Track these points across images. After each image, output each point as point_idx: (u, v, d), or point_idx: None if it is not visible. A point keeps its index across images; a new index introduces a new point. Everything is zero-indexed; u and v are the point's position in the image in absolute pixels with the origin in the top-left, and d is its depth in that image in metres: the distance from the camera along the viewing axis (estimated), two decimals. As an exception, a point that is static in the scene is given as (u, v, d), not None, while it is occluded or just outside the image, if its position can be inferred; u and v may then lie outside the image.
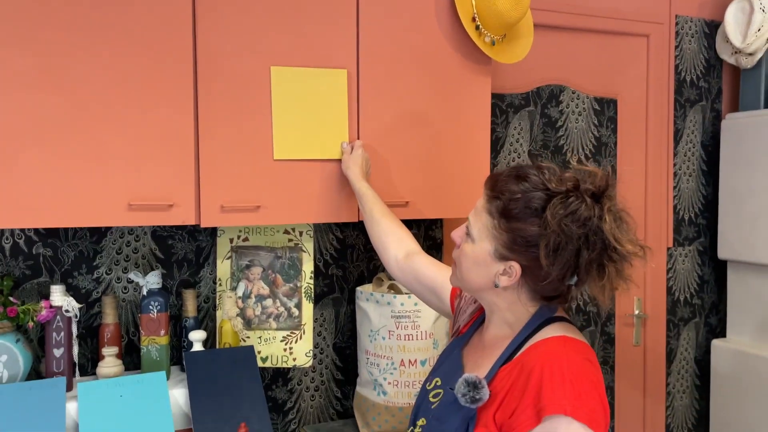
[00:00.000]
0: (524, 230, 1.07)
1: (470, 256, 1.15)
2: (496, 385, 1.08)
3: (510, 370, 1.09)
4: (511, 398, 1.05)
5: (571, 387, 1.00)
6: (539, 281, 1.09)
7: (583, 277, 1.08)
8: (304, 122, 1.73)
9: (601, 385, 1.05)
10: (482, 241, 1.13)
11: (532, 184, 1.08)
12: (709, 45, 2.73)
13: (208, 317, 1.98)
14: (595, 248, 1.05)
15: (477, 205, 1.17)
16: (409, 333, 1.93)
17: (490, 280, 1.13)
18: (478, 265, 1.14)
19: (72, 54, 1.50)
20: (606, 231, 1.05)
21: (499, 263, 1.11)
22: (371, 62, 1.79)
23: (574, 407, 0.98)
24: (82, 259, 1.84)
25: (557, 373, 1.01)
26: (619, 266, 1.07)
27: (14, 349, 1.63)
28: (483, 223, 1.13)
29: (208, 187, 1.64)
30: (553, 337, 1.10)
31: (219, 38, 1.63)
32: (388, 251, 1.57)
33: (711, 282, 2.81)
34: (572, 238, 1.04)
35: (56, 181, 1.50)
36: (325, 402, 2.16)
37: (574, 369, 1.03)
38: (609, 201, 1.08)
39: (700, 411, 2.81)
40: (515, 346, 1.12)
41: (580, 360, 1.06)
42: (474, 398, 1.06)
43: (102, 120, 1.53)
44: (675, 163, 2.71)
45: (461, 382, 1.08)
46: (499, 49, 1.93)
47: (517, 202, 1.08)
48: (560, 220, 1.04)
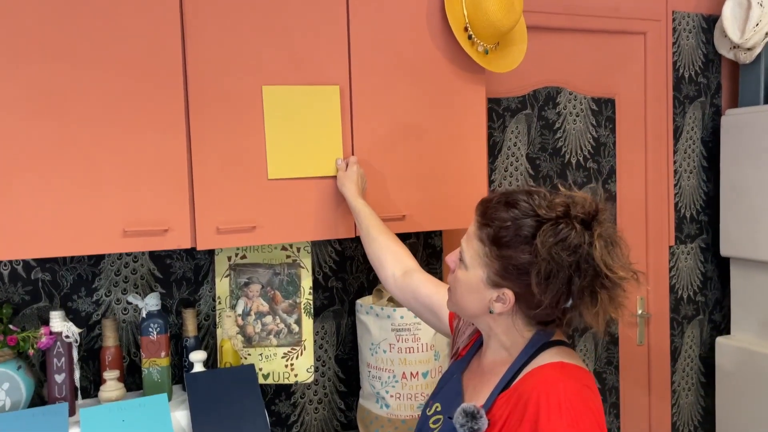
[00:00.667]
0: (515, 258, 1.06)
1: (464, 282, 1.15)
2: (494, 414, 1.08)
3: (508, 398, 1.08)
4: (509, 427, 1.05)
5: (568, 415, 1.00)
6: (532, 308, 1.09)
7: (576, 303, 1.07)
8: (297, 140, 1.72)
9: (600, 412, 1.04)
10: (474, 268, 1.12)
11: (522, 211, 1.07)
12: (707, 40, 2.70)
13: (209, 335, 1.98)
14: (586, 275, 1.04)
15: (468, 231, 1.16)
16: (409, 346, 1.93)
17: (484, 306, 1.13)
18: (471, 291, 1.14)
19: (61, 81, 1.50)
20: (596, 258, 1.04)
21: (492, 290, 1.11)
22: (363, 77, 1.78)
23: None
24: (81, 283, 1.85)
25: (554, 402, 1.01)
26: (611, 293, 1.06)
27: (16, 377, 1.63)
28: (475, 250, 1.12)
29: (203, 210, 1.63)
30: (550, 363, 1.09)
31: (209, 59, 1.62)
32: (386, 269, 1.57)
33: (714, 279, 2.80)
34: (563, 265, 1.03)
35: (49, 210, 1.50)
36: (329, 414, 2.16)
37: (571, 397, 1.02)
38: (599, 226, 1.07)
39: (705, 408, 2.81)
40: (512, 373, 1.11)
41: (578, 387, 1.05)
42: (472, 428, 1.07)
43: (93, 146, 1.53)
44: (675, 160, 2.69)
45: (459, 411, 1.08)
46: (493, 58, 1.91)
47: (507, 230, 1.07)
48: (550, 248, 1.03)
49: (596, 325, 1.07)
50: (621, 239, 1.09)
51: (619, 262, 1.06)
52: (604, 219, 1.08)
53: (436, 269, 2.30)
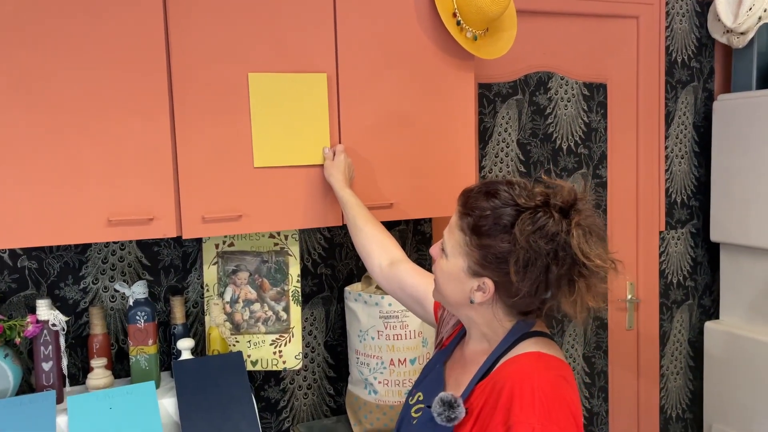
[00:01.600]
0: (494, 247, 1.07)
1: (445, 272, 1.16)
2: (472, 403, 1.09)
3: (484, 387, 1.09)
4: (485, 416, 1.06)
5: (541, 405, 1.00)
6: (511, 297, 1.09)
7: (554, 292, 1.07)
8: (284, 128, 1.71)
9: (574, 404, 1.05)
10: (455, 257, 1.13)
11: (502, 201, 1.08)
12: (700, 24, 2.68)
13: (198, 322, 1.99)
14: (564, 264, 1.04)
15: (450, 222, 1.17)
16: (397, 333, 1.94)
17: (465, 295, 1.13)
18: (453, 281, 1.15)
19: (42, 70, 1.48)
20: (574, 246, 1.04)
21: (472, 279, 1.11)
22: (350, 65, 1.76)
23: (543, 425, 0.98)
24: (68, 271, 1.84)
25: (527, 391, 1.01)
26: (589, 282, 1.06)
27: (3, 365, 1.64)
28: (456, 240, 1.13)
29: (189, 199, 1.63)
30: (527, 353, 1.10)
31: (193, 46, 1.60)
32: (372, 259, 1.57)
33: (704, 264, 2.81)
34: (541, 254, 1.03)
35: (33, 200, 1.49)
36: (318, 400, 2.18)
37: (545, 386, 1.03)
38: (578, 215, 1.06)
39: (693, 392, 2.83)
40: (491, 363, 1.12)
41: (552, 377, 1.05)
42: (449, 417, 1.07)
43: (76, 136, 1.51)
44: (667, 145, 2.69)
45: (437, 401, 1.09)
46: (482, 44, 1.90)
47: (486, 219, 1.08)
48: (528, 236, 1.04)
49: (574, 315, 1.07)
50: (600, 228, 1.08)
51: (596, 250, 1.05)
52: (584, 208, 1.07)
53: (426, 256, 2.30)
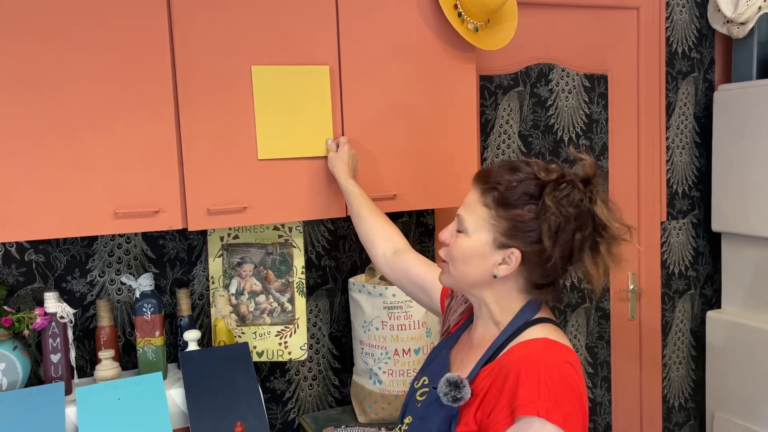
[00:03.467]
0: (523, 216, 1.11)
1: (467, 249, 1.16)
2: (477, 385, 1.11)
3: (491, 371, 1.11)
4: (491, 398, 1.07)
5: (546, 389, 1.01)
6: (540, 266, 1.13)
7: (577, 257, 1.13)
8: (287, 121, 1.72)
9: (580, 389, 1.06)
10: (479, 232, 1.15)
11: (525, 174, 1.14)
12: (700, 14, 2.69)
13: (204, 314, 2.00)
14: (587, 228, 1.11)
15: (467, 201, 1.19)
16: (402, 323, 1.95)
17: (487, 271, 1.15)
18: (475, 257, 1.16)
19: (49, 65, 1.49)
20: (597, 212, 1.11)
21: (498, 252, 1.14)
22: (353, 57, 1.78)
23: (547, 409, 1.00)
24: (74, 264, 1.86)
25: (533, 375, 1.03)
26: (609, 244, 1.13)
27: (12, 357, 1.66)
28: (479, 215, 1.15)
29: (194, 191, 1.64)
30: (535, 339, 1.11)
31: (197, 40, 1.62)
32: (377, 248, 1.58)
33: (705, 254, 2.82)
34: (569, 219, 1.10)
35: (40, 193, 1.50)
36: (323, 390, 2.20)
37: (552, 371, 1.04)
38: (596, 186, 1.14)
39: (696, 381, 2.85)
40: (497, 346, 1.14)
41: (560, 362, 1.07)
42: (455, 397, 1.09)
43: (83, 129, 1.53)
44: (668, 136, 2.70)
45: (443, 381, 1.11)
46: (483, 36, 1.91)
47: (514, 190, 1.12)
48: (558, 202, 1.10)
49: (596, 276, 1.13)
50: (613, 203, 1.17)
51: (614, 215, 1.13)
52: (598, 182, 1.15)
53: (429, 248, 2.32)
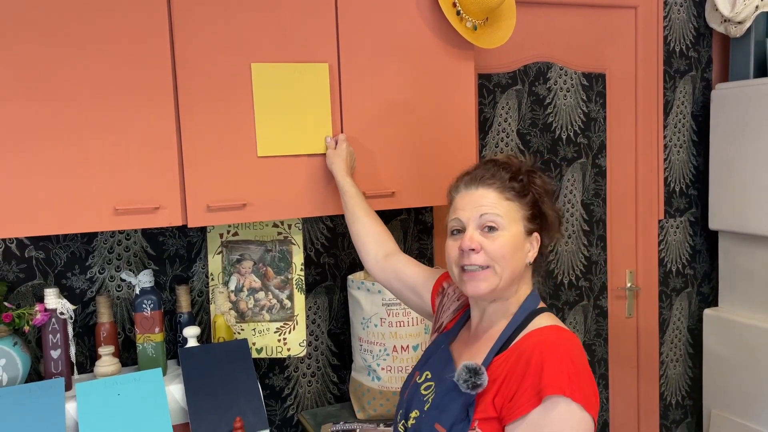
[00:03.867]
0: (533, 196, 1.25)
1: (508, 244, 1.20)
2: (492, 372, 1.15)
3: (507, 358, 1.15)
4: (510, 383, 1.11)
5: (569, 371, 1.07)
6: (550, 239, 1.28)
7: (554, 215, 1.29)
8: (286, 118, 1.73)
9: (591, 371, 1.13)
10: (512, 225, 1.21)
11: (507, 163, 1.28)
12: (698, 14, 2.70)
13: (203, 311, 2.01)
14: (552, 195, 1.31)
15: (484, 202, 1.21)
16: (400, 320, 1.96)
17: (524, 260, 1.23)
18: (516, 250, 1.21)
19: (49, 63, 1.50)
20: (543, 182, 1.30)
21: (527, 240, 1.23)
22: (352, 54, 1.79)
23: (572, 389, 1.05)
24: (74, 260, 1.87)
25: (556, 359, 1.09)
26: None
27: (12, 353, 1.66)
28: (505, 209, 1.21)
29: (194, 188, 1.65)
30: (547, 326, 1.18)
31: (196, 38, 1.63)
32: (369, 251, 1.60)
33: (703, 252, 2.83)
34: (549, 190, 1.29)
35: (41, 189, 1.51)
36: (322, 387, 2.20)
37: (572, 355, 1.10)
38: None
39: (693, 379, 2.86)
40: (508, 335, 1.18)
41: (574, 347, 1.14)
42: (475, 384, 1.12)
43: (83, 126, 1.54)
44: (665, 134, 2.71)
45: (462, 368, 1.13)
46: (481, 34, 1.92)
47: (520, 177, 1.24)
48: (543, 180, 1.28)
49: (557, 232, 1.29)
50: None
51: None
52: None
53: (428, 245, 2.33)
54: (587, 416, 1.06)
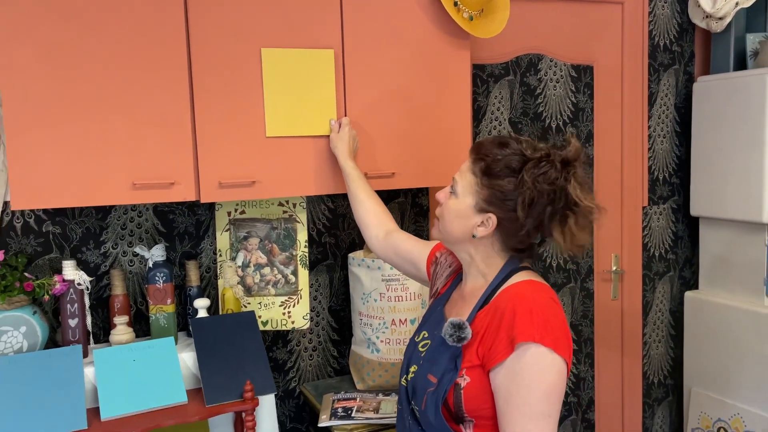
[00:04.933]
0: (502, 186, 1.25)
1: (453, 209, 1.32)
2: (475, 326, 1.26)
3: (486, 313, 1.27)
4: (489, 334, 1.23)
5: (539, 320, 1.19)
6: (513, 232, 1.27)
7: (547, 227, 1.26)
8: (294, 101, 1.83)
9: (564, 320, 1.24)
10: (465, 196, 1.30)
11: (512, 150, 1.27)
12: (681, 10, 2.83)
13: (210, 286, 2.11)
14: (559, 203, 1.24)
15: (462, 167, 1.34)
16: (398, 295, 2.07)
17: (468, 231, 1.30)
18: (459, 217, 1.31)
19: (72, 44, 1.59)
20: (570, 190, 1.24)
21: (478, 215, 1.28)
22: (356, 42, 1.89)
23: (541, 335, 1.17)
24: (89, 236, 1.96)
25: (526, 309, 1.20)
26: (578, 219, 1.26)
27: (32, 321, 1.75)
28: (467, 181, 1.30)
29: (206, 165, 1.75)
30: (521, 281, 1.28)
31: (210, 22, 1.72)
32: (370, 230, 1.73)
33: (684, 238, 2.97)
34: (543, 194, 1.23)
35: (63, 164, 1.60)
36: (323, 361, 2.31)
37: (541, 305, 1.21)
38: (574, 168, 1.27)
39: (674, 359, 2.99)
40: (488, 293, 1.30)
41: (545, 298, 1.24)
42: (459, 337, 1.24)
43: (104, 105, 1.63)
44: (650, 125, 2.84)
45: (447, 325, 1.25)
46: (477, 24, 2.03)
47: (498, 163, 1.26)
48: (535, 178, 1.23)
49: (564, 246, 1.26)
50: (589, 183, 1.27)
51: (586, 195, 1.26)
52: (578, 165, 1.27)
53: (423, 227, 2.44)
54: (558, 358, 1.17)
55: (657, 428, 2.99)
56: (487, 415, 1.24)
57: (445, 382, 1.25)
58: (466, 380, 1.23)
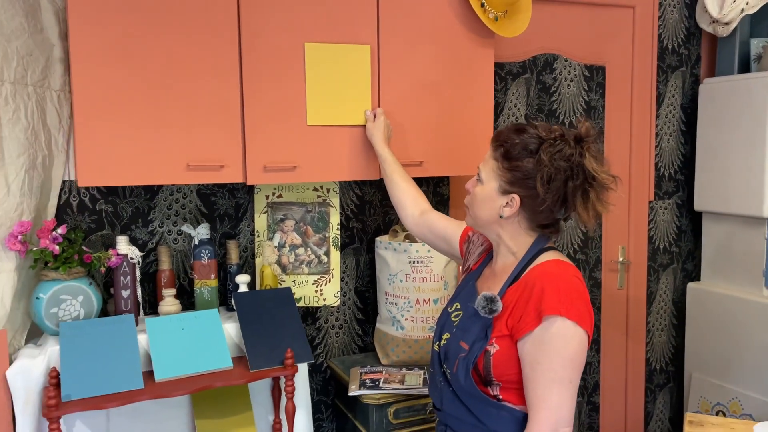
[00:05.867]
0: (522, 167, 1.37)
1: (480, 195, 1.45)
2: (505, 300, 1.39)
3: (516, 288, 1.39)
4: (518, 307, 1.35)
5: (565, 296, 1.31)
6: (536, 209, 1.38)
7: (571, 203, 1.37)
8: (333, 92, 1.98)
9: (587, 296, 1.36)
10: (489, 181, 1.43)
11: (528, 134, 1.39)
12: (689, 15, 2.98)
13: (248, 265, 2.25)
14: (578, 178, 1.35)
15: (486, 156, 1.47)
16: (423, 276, 2.22)
17: (496, 212, 1.42)
18: (486, 201, 1.43)
19: (137, 36, 1.74)
20: (586, 164, 1.35)
21: (502, 197, 1.41)
22: (390, 38, 2.04)
23: (567, 309, 1.29)
24: (138, 214, 2.10)
25: (554, 285, 1.32)
26: (598, 192, 1.37)
27: (89, 291, 1.89)
28: (490, 167, 1.43)
29: (253, 150, 1.89)
30: (549, 260, 1.40)
31: (260, 18, 1.87)
32: (406, 210, 1.87)
33: (688, 232, 3.12)
34: (560, 170, 1.34)
35: (126, 146, 1.75)
36: (348, 338, 2.46)
37: (567, 282, 1.33)
38: (587, 143, 1.38)
39: (676, 347, 3.15)
40: (518, 270, 1.42)
41: (570, 276, 1.36)
42: (491, 309, 1.36)
43: (164, 92, 1.78)
44: (657, 124, 2.99)
45: (481, 298, 1.38)
46: (501, 24, 2.18)
47: (516, 147, 1.38)
48: (551, 156, 1.34)
49: (587, 219, 1.37)
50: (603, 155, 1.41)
51: (602, 167, 1.37)
52: (590, 140, 1.39)
53: (444, 213, 2.58)
54: (581, 330, 1.30)
55: (658, 412, 3.14)
56: (512, 380, 1.36)
57: (475, 349, 1.37)
58: (495, 348, 1.35)
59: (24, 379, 1.72)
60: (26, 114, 1.79)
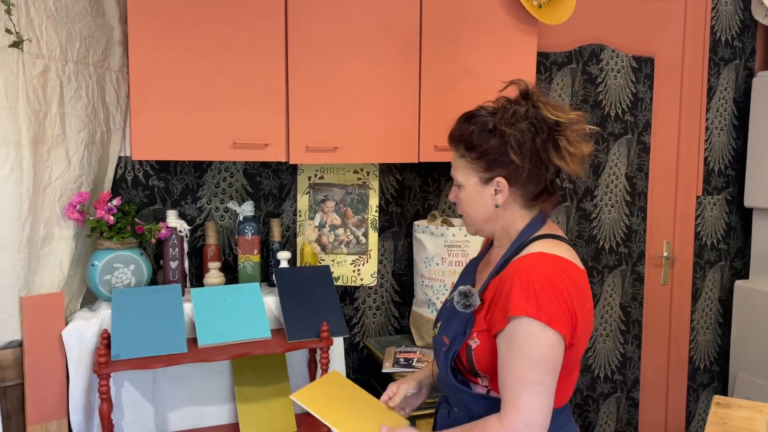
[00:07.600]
0: (489, 148, 1.31)
1: (466, 197, 1.38)
2: (486, 295, 1.32)
3: (497, 282, 1.31)
4: (494, 304, 1.29)
5: (534, 295, 1.21)
6: (524, 180, 1.31)
7: (546, 158, 1.30)
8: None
9: (569, 293, 1.23)
10: (468, 180, 1.36)
11: (478, 116, 1.34)
12: (744, 7, 2.91)
13: (289, 244, 2.34)
14: (543, 131, 1.28)
15: (452, 161, 1.40)
16: (459, 260, 2.25)
17: (490, 205, 1.35)
18: (475, 199, 1.36)
19: (191, 20, 1.84)
20: (543, 113, 1.29)
21: (488, 187, 1.34)
22: (432, 24, 2.08)
23: (534, 310, 1.20)
24: (187, 191, 2.21)
25: (524, 282, 1.23)
26: (568, 137, 1.29)
27: (140, 260, 2.01)
28: (461, 167, 1.37)
29: (296, 130, 1.97)
30: (531, 253, 1.29)
31: (305, 11, 1.94)
32: None
33: (737, 230, 3.05)
34: (524, 131, 1.28)
35: (178, 123, 1.85)
36: (385, 319, 2.51)
37: (539, 279, 1.22)
38: (537, 94, 1.33)
39: (722, 346, 3.08)
40: (501, 263, 1.34)
41: (548, 271, 1.24)
42: (466, 305, 1.31)
43: (214, 73, 1.87)
44: (708, 118, 2.93)
45: (457, 293, 1.33)
46: (545, 12, 2.19)
47: (473, 133, 1.33)
48: (509, 122, 1.29)
49: (568, 166, 1.30)
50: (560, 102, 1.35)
51: (562, 109, 1.31)
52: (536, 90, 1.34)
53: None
54: (550, 332, 1.20)
55: (701, 411, 3.08)
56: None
57: (455, 344, 1.32)
58: (477, 343, 1.29)
59: (78, 339, 1.84)
60: (87, 92, 1.92)
